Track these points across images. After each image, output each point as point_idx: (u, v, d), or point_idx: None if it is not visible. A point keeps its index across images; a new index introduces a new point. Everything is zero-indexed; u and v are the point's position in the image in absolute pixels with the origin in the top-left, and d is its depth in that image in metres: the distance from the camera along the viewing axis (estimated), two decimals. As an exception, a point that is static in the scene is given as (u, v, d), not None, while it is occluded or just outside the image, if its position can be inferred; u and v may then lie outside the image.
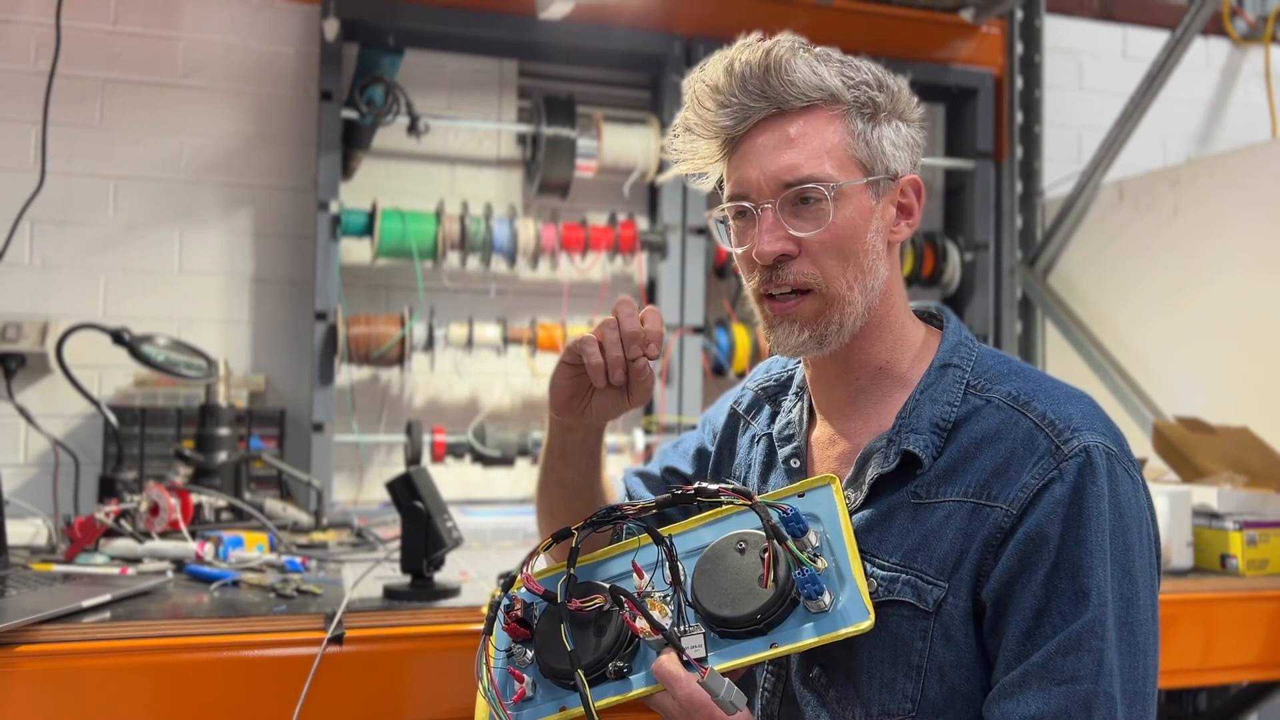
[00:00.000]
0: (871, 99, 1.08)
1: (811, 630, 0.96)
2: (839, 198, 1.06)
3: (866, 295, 1.08)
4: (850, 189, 1.07)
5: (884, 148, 1.09)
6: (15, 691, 1.28)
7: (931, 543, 1.02)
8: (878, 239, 1.09)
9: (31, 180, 2.27)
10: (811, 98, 1.07)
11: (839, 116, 1.07)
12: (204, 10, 2.76)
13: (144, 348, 2.07)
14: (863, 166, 1.08)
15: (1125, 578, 0.97)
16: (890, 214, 1.11)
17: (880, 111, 1.09)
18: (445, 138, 2.92)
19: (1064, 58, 3.44)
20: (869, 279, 1.08)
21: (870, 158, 1.08)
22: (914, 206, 1.12)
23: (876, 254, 1.09)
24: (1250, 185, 2.54)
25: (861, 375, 1.13)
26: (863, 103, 1.08)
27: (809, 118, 1.07)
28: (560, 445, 1.22)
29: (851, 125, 1.07)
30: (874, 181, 1.08)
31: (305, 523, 2.16)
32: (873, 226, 1.08)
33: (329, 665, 1.37)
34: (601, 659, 1.00)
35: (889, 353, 1.12)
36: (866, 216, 1.08)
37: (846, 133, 1.07)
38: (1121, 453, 1.01)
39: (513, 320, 2.82)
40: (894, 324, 1.12)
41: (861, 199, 1.08)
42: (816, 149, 1.06)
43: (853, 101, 1.07)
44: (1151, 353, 2.78)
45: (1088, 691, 0.94)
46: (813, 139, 1.06)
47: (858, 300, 1.08)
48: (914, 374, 1.11)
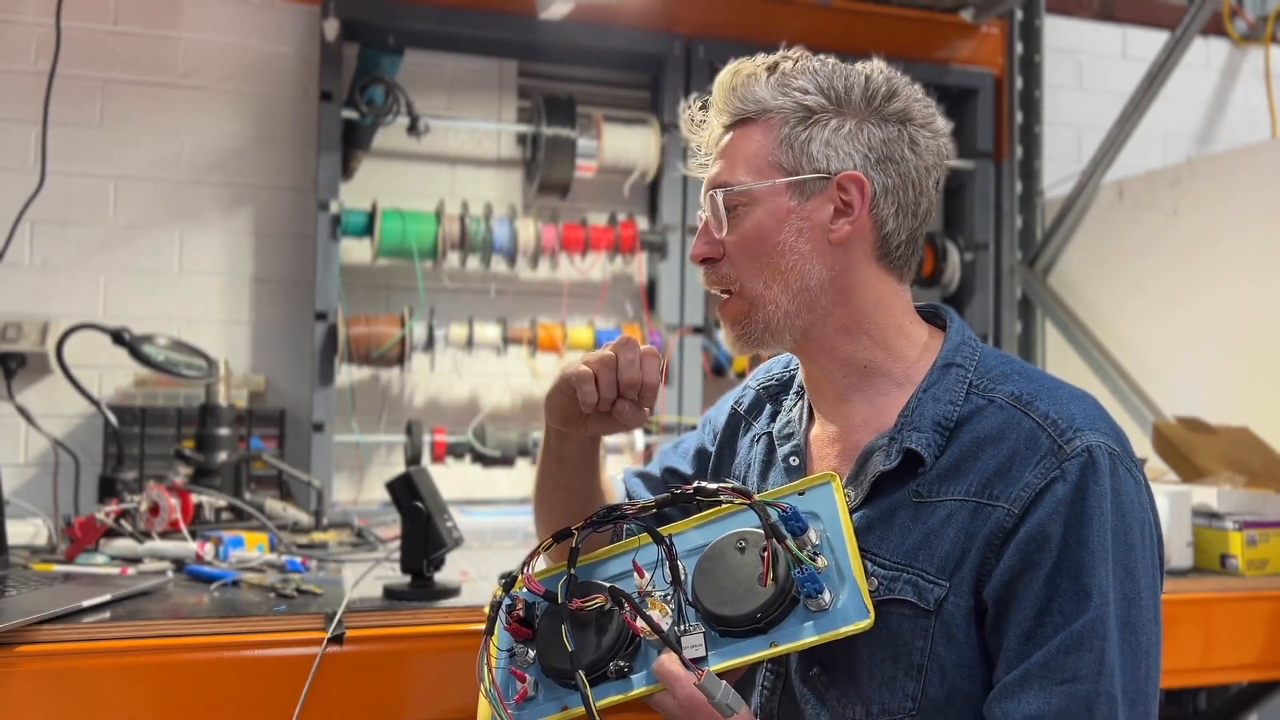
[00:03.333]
0: (801, 104, 1.09)
1: (811, 629, 0.96)
2: (750, 200, 1.10)
3: (795, 295, 1.09)
4: (761, 191, 1.09)
5: (812, 149, 1.08)
6: (15, 691, 1.28)
7: (933, 542, 1.02)
8: (800, 240, 1.09)
9: (31, 180, 2.27)
10: (746, 111, 1.11)
11: (770, 127, 1.10)
12: (204, 10, 2.76)
13: (144, 348, 2.07)
14: (782, 169, 1.09)
15: (1127, 577, 0.97)
16: (824, 213, 1.09)
17: (814, 114, 1.09)
18: (445, 138, 2.92)
19: (1064, 58, 3.44)
20: (792, 279, 1.09)
21: (793, 160, 1.09)
22: (854, 202, 1.09)
23: (799, 254, 1.09)
24: (1250, 185, 2.54)
25: (848, 374, 1.13)
26: (789, 109, 1.09)
27: (742, 130, 1.12)
28: (557, 451, 1.24)
29: (778, 133, 1.10)
30: (797, 182, 1.09)
31: (305, 523, 2.16)
32: (790, 227, 1.09)
33: (329, 665, 1.37)
34: (602, 658, 1.00)
35: (872, 352, 1.12)
36: (780, 218, 1.09)
37: (771, 140, 1.10)
38: (1124, 453, 1.01)
39: (513, 320, 2.82)
40: (872, 323, 1.11)
41: (776, 201, 1.09)
42: (734, 158, 1.12)
43: (777, 109, 1.10)
44: (1151, 353, 2.78)
45: (1089, 691, 0.94)
46: (737, 150, 1.12)
47: (780, 299, 1.09)
48: (916, 373, 1.11)
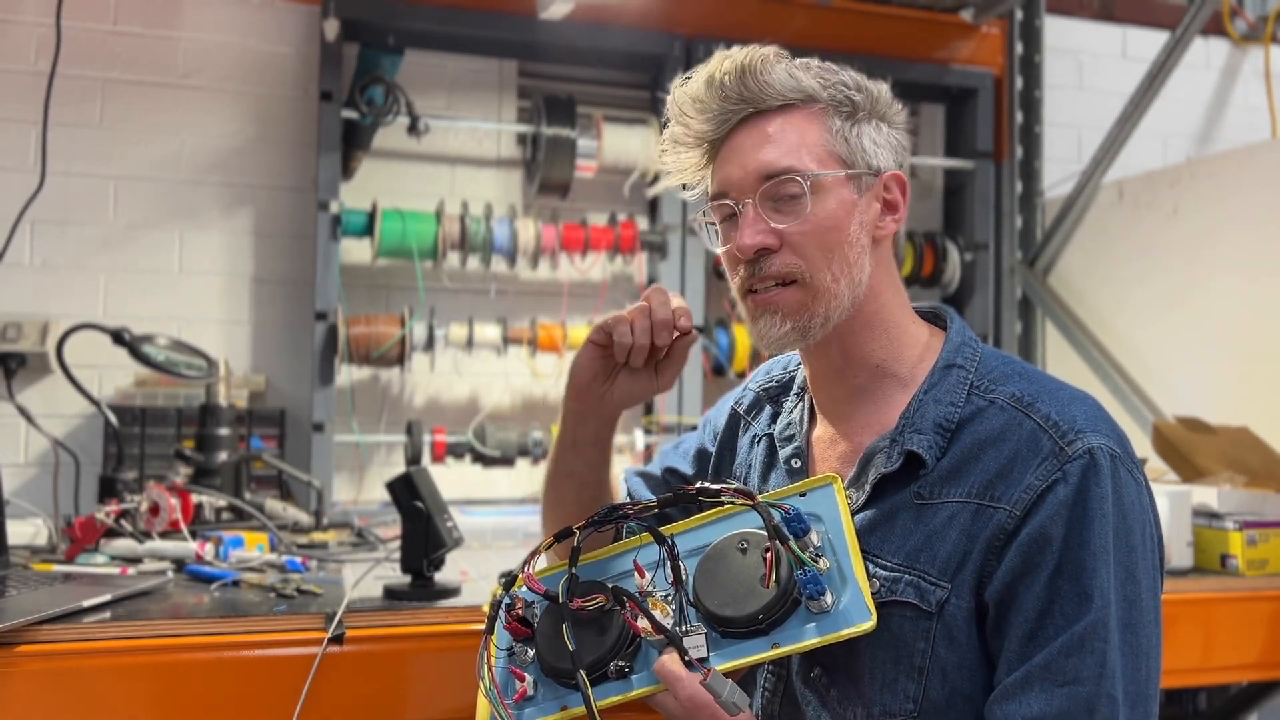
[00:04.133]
0: (849, 98, 1.09)
1: (813, 630, 0.96)
2: (817, 189, 1.06)
3: (852, 289, 1.08)
4: (829, 181, 1.07)
5: (864, 144, 1.09)
6: (15, 691, 1.28)
7: (934, 543, 1.02)
8: (861, 233, 1.09)
9: (31, 180, 2.26)
10: (789, 97, 1.08)
11: (817, 115, 1.09)
12: (204, 10, 2.76)
13: (144, 348, 2.07)
14: (842, 161, 1.08)
15: (1128, 579, 0.97)
16: (874, 209, 1.11)
17: (859, 110, 1.09)
18: (445, 138, 2.92)
19: (1064, 58, 3.44)
20: (854, 272, 1.08)
21: (850, 153, 1.09)
22: (899, 202, 1.12)
23: (861, 248, 1.09)
24: (1250, 185, 2.54)
25: (860, 373, 1.12)
26: (839, 101, 1.09)
27: (787, 116, 1.09)
28: (573, 435, 1.24)
29: (830, 123, 1.09)
30: (855, 175, 1.09)
31: (305, 523, 2.16)
32: (855, 220, 1.08)
33: (329, 665, 1.37)
34: (603, 658, 0.99)
35: (885, 351, 1.12)
36: (848, 209, 1.08)
37: (824, 129, 1.08)
38: (1125, 455, 1.01)
39: (513, 320, 2.82)
40: (888, 322, 1.12)
41: (842, 192, 1.08)
42: (794, 144, 1.07)
43: (829, 100, 1.08)
44: (1151, 353, 2.78)
45: (1090, 693, 0.94)
46: (790, 135, 1.08)
47: (843, 293, 1.08)
48: (917, 374, 1.11)
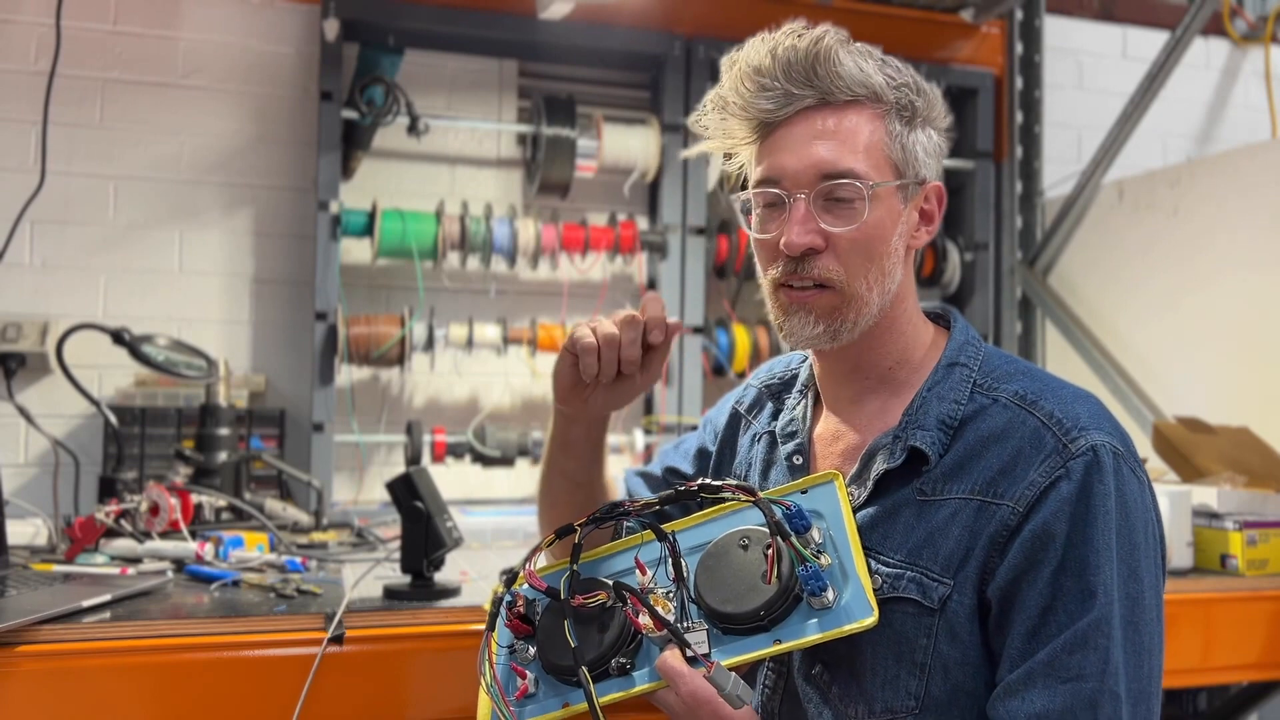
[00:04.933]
0: (911, 102, 1.08)
1: (815, 626, 0.96)
2: (874, 197, 1.05)
3: (882, 297, 1.08)
4: (884, 190, 1.06)
5: (917, 152, 1.09)
6: (15, 691, 1.27)
7: (937, 540, 1.02)
8: (900, 242, 1.09)
9: (31, 180, 2.27)
10: (856, 93, 1.06)
11: (880, 116, 1.07)
12: (204, 10, 2.76)
13: (144, 348, 2.07)
14: (896, 169, 1.08)
15: (1131, 577, 0.97)
16: (914, 219, 1.11)
17: (917, 116, 1.09)
18: (445, 138, 2.92)
19: (1064, 58, 3.43)
20: (887, 281, 1.08)
21: (904, 161, 1.08)
22: (935, 214, 1.12)
23: (897, 257, 1.09)
24: (1250, 185, 2.54)
25: (872, 373, 1.13)
26: (903, 105, 1.07)
27: (852, 113, 1.06)
28: (563, 436, 1.23)
29: (890, 126, 1.07)
30: (904, 185, 1.08)
31: (305, 523, 2.16)
32: (898, 230, 1.08)
33: (329, 665, 1.37)
34: (604, 655, 0.99)
35: (898, 354, 1.12)
36: (895, 219, 1.08)
37: (885, 133, 1.07)
38: (1128, 453, 1.01)
39: (513, 320, 2.81)
40: (904, 326, 1.13)
41: (892, 201, 1.08)
42: (856, 145, 1.05)
43: (894, 102, 1.07)
44: (1151, 353, 2.78)
45: (1093, 689, 0.94)
46: (854, 134, 1.06)
47: (874, 301, 1.08)
48: (921, 373, 1.11)
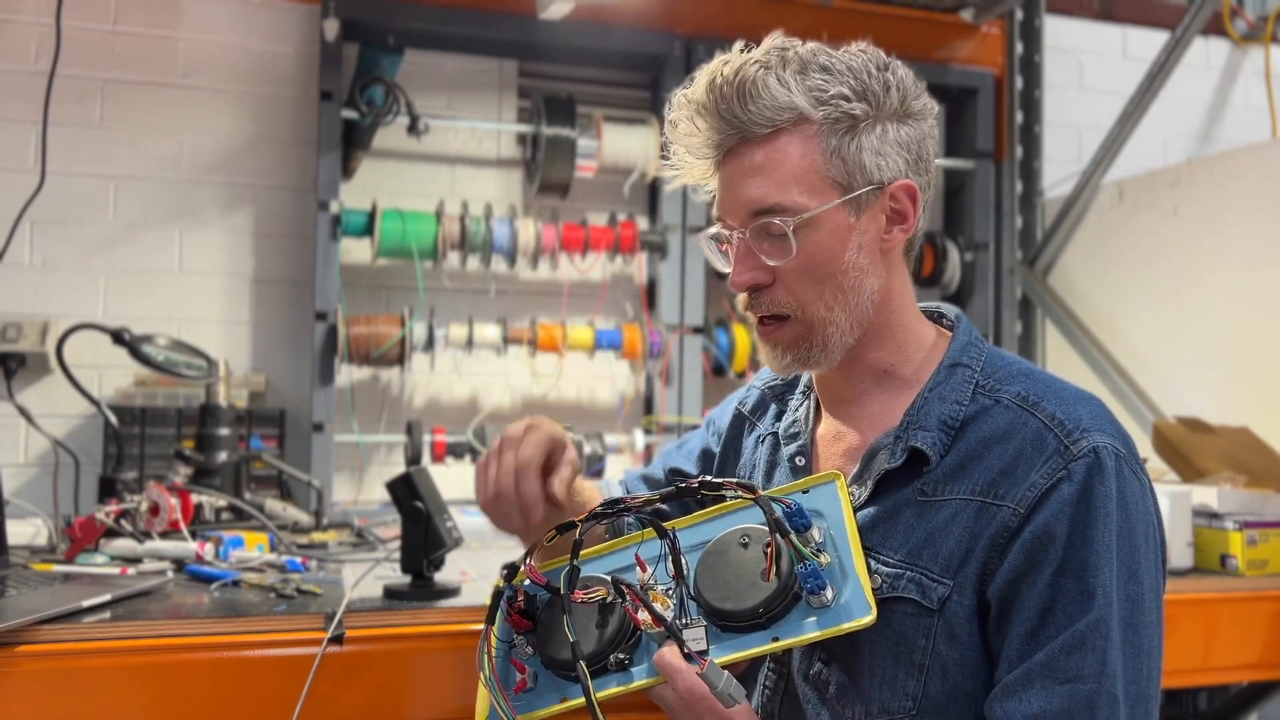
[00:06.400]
0: (847, 113, 1.02)
1: (814, 624, 0.96)
2: (805, 226, 1.03)
3: (852, 312, 1.07)
4: (821, 214, 1.03)
5: (863, 159, 1.03)
6: (15, 691, 1.27)
7: (937, 540, 1.02)
8: (860, 255, 1.06)
9: (31, 180, 2.27)
10: (777, 121, 1.02)
11: (811, 136, 1.03)
12: (204, 10, 2.76)
13: (144, 348, 2.07)
14: (838, 185, 1.04)
15: (1131, 579, 0.97)
16: (878, 224, 1.07)
17: (860, 121, 1.03)
18: (445, 138, 2.92)
19: (1064, 58, 3.44)
20: (852, 296, 1.06)
21: (847, 174, 1.04)
22: (909, 211, 1.07)
23: (860, 269, 1.06)
24: (1250, 185, 2.54)
25: (866, 376, 1.13)
26: (835, 119, 1.02)
27: (775, 143, 1.03)
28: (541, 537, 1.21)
29: (824, 144, 1.03)
30: (853, 199, 1.04)
31: (305, 523, 2.16)
32: (852, 244, 1.05)
33: (329, 665, 1.37)
34: (603, 650, 1.00)
35: (893, 356, 1.12)
36: (843, 237, 1.05)
37: (818, 153, 1.03)
38: (1129, 455, 1.01)
39: (513, 320, 2.82)
40: (896, 327, 1.11)
41: (836, 219, 1.04)
42: (783, 176, 1.03)
43: (822, 119, 1.02)
44: (1151, 353, 2.78)
45: (1091, 691, 0.94)
46: (779, 166, 1.03)
47: (842, 319, 1.06)
48: (922, 373, 1.11)
